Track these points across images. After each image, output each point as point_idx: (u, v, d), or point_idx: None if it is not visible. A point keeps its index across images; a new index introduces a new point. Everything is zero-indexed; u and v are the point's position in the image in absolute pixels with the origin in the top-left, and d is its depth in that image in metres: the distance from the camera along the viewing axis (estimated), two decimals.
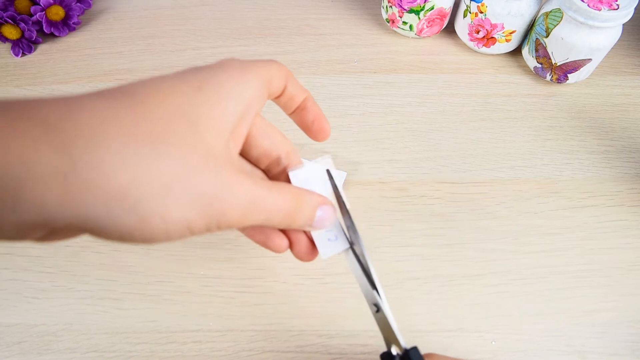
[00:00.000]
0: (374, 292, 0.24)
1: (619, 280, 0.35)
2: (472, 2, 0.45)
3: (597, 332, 0.33)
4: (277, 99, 0.25)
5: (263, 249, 0.36)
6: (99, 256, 0.35)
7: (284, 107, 0.25)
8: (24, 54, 0.49)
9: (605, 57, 0.44)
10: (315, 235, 0.25)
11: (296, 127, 0.27)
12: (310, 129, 0.26)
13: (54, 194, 0.14)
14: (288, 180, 0.25)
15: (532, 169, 0.41)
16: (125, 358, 0.32)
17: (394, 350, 0.24)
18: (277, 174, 0.26)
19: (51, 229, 0.16)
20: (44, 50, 0.50)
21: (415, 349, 0.23)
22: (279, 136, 0.25)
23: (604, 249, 0.36)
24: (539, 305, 0.34)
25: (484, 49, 0.48)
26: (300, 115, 0.26)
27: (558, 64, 0.44)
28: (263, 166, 0.25)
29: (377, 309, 0.24)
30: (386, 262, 0.35)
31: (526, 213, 0.38)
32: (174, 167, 0.17)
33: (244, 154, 0.24)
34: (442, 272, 0.35)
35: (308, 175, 0.25)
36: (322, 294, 0.34)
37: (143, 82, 0.18)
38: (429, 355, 0.24)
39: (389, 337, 0.24)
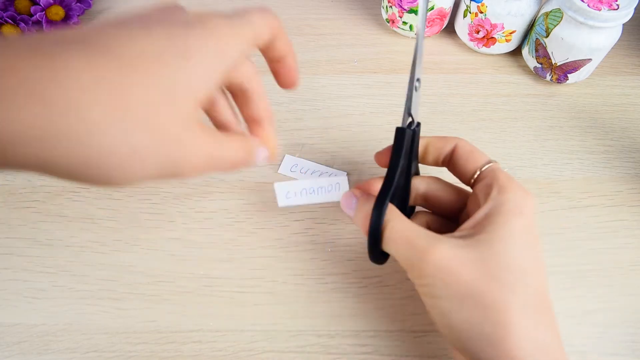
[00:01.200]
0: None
1: (619, 280, 0.35)
2: (472, 2, 0.45)
3: (597, 332, 0.33)
4: (262, 51, 0.25)
5: (263, 249, 0.36)
6: (99, 256, 0.36)
7: (266, 58, 0.26)
8: None
9: (605, 57, 0.44)
10: (277, 189, 0.34)
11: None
12: (282, 80, 0.28)
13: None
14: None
15: (532, 169, 0.41)
16: (125, 358, 0.32)
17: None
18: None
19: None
20: None
21: (418, 124, 0.30)
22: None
23: (604, 249, 0.36)
24: None
25: (484, 49, 0.48)
26: (277, 66, 0.27)
27: (558, 64, 0.44)
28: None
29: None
30: (386, 262, 0.35)
31: None
32: (135, 100, 0.17)
33: None
34: None
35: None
36: (322, 294, 0.34)
37: (130, 39, 0.18)
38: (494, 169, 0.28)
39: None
